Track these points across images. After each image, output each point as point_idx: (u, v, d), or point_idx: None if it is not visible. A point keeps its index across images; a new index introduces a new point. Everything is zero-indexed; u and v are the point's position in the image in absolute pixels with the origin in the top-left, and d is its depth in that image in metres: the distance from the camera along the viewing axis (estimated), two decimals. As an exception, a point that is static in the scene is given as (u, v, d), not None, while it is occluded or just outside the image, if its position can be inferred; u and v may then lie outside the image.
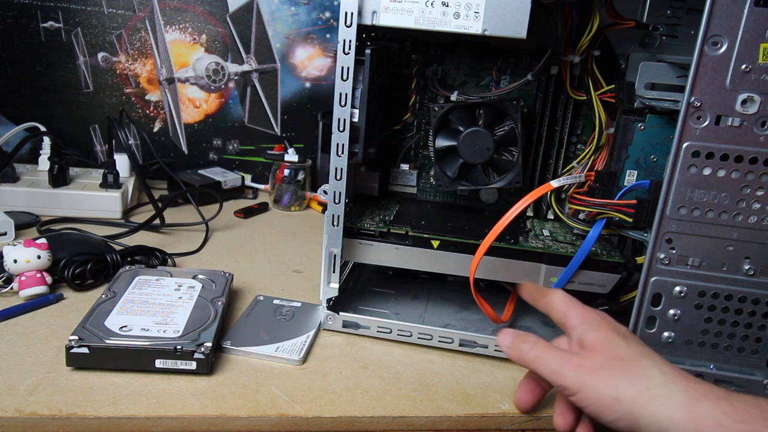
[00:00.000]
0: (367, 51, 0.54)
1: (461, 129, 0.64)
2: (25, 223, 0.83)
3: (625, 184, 0.59)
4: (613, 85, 0.58)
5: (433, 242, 0.60)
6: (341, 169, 0.56)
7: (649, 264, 0.54)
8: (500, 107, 0.64)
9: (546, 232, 0.65)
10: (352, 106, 0.55)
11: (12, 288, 0.63)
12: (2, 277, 0.64)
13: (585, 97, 0.61)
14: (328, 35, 1.10)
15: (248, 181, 1.11)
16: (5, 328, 0.58)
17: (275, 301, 0.67)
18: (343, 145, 0.56)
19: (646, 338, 0.55)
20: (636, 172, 0.58)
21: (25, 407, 0.47)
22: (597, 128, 0.60)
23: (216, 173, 1.07)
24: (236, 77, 1.10)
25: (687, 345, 0.55)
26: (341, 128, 0.55)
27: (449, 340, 0.60)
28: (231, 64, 1.10)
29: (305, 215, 1.02)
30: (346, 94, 0.54)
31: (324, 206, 0.60)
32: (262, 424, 0.49)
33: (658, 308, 0.54)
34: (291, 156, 1.02)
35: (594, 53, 0.58)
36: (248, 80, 1.11)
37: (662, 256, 0.53)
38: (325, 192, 0.58)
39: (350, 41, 0.52)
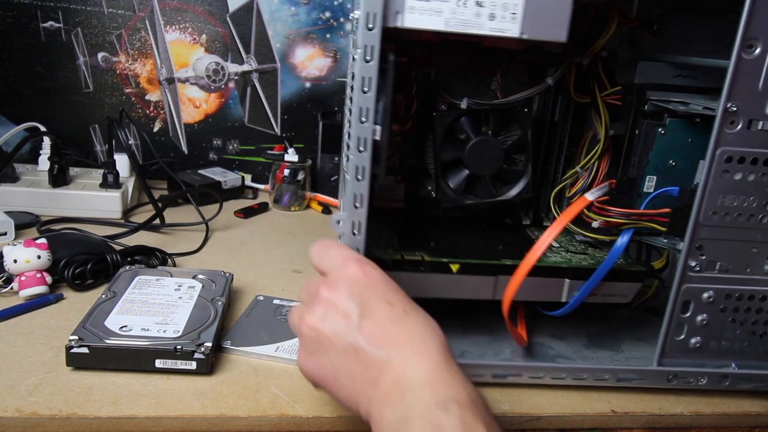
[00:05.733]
0: (391, 57, 0.47)
1: (468, 138, 0.60)
2: (25, 223, 0.83)
3: (644, 190, 0.58)
4: (618, 87, 0.57)
5: (452, 266, 0.55)
6: (362, 195, 0.48)
7: (682, 273, 0.53)
8: (510, 114, 0.60)
9: (555, 243, 0.63)
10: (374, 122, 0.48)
11: (12, 288, 0.63)
12: (2, 277, 0.64)
13: (588, 100, 0.60)
14: (328, 35, 1.10)
15: (248, 181, 1.11)
16: (5, 328, 0.58)
17: (275, 301, 0.67)
18: (363, 168, 0.48)
19: (675, 346, 0.55)
20: (654, 177, 0.58)
21: (25, 407, 0.47)
22: (603, 132, 0.59)
23: (216, 173, 1.07)
24: (236, 77, 1.10)
25: (713, 348, 0.56)
26: (362, 148, 0.47)
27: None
28: (231, 64, 1.10)
29: (305, 215, 1.02)
30: (368, 109, 0.46)
31: (324, 206, 0.59)
32: (262, 424, 0.49)
33: (687, 315, 0.54)
34: (291, 156, 1.01)
35: (602, 54, 0.57)
36: (248, 80, 1.11)
37: (693, 263, 0.53)
38: (339, 222, 0.50)
39: (373, 47, 0.45)
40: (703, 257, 0.53)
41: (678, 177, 0.57)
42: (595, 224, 0.59)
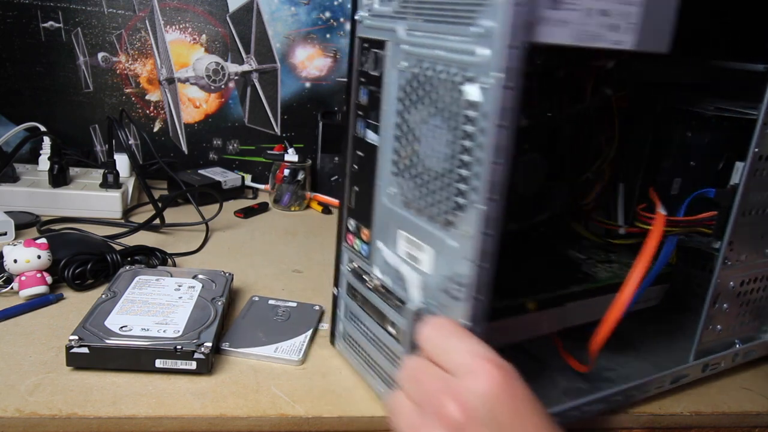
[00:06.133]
0: (532, 81, 0.39)
1: (513, 157, 0.57)
2: (25, 223, 0.83)
3: (671, 193, 0.59)
4: (625, 89, 0.57)
5: (529, 305, 0.51)
6: (489, 251, 0.38)
7: (720, 270, 0.55)
8: (554, 127, 0.56)
9: (582, 256, 0.62)
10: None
11: (12, 288, 0.63)
12: (2, 277, 0.64)
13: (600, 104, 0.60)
14: (328, 35, 1.10)
15: (248, 181, 1.11)
16: (5, 328, 0.58)
17: (270, 302, 0.67)
18: (495, 219, 0.37)
19: (705, 336, 0.57)
20: (679, 180, 0.59)
21: (25, 407, 0.47)
22: (616, 135, 0.58)
23: (216, 173, 1.07)
24: (236, 77, 1.10)
25: (728, 331, 0.58)
26: (494, 196, 0.37)
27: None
28: (231, 64, 1.10)
29: (305, 215, 1.02)
30: (504, 147, 0.36)
31: (324, 206, 0.58)
32: (262, 424, 0.49)
33: (716, 306, 0.56)
34: (291, 156, 1.02)
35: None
36: (248, 80, 1.11)
37: (727, 260, 0.55)
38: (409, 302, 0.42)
39: (515, 70, 0.34)
40: (732, 251, 0.54)
41: (696, 177, 0.58)
42: (621, 231, 0.59)
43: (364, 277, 0.52)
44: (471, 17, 0.36)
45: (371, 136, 0.48)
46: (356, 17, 0.49)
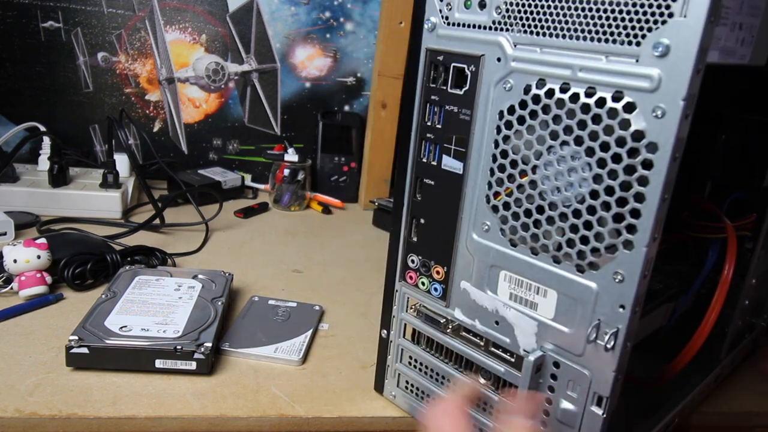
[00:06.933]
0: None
1: None
2: (25, 223, 0.83)
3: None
4: None
5: None
6: (643, 295, 0.34)
7: (754, 270, 0.56)
8: None
9: None
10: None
11: (12, 288, 0.63)
12: (2, 277, 0.64)
13: None
14: (328, 35, 1.10)
15: (248, 181, 1.11)
16: (5, 328, 0.58)
17: (270, 302, 0.67)
18: (653, 260, 0.34)
19: (732, 331, 0.58)
20: (708, 183, 0.60)
21: (25, 407, 0.47)
22: None
23: (216, 173, 1.07)
24: (236, 77, 1.10)
25: (742, 323, 0.60)
26: (657, 234, 0.33)
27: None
28: (231, 64, 1.10)
29: (305, 215, 1.02)
30: (674, 180, 0.32)
31: (324, 206, 0.58)
32: (262, 424, 0.49)
33: (744, 303, 0.58)
34: (291, 156, 1.02)
35: None
36: (248, 80, 1.11)
37: (759, 259, 0.56)
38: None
39: (695, 96, 0.30)
40: (762, 251, 0.55)
41: (728, 180, 0.58)
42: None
43: (438, 320, 0.46)
44: (638, 34, 0.31)
45: (450, 163, 0.42)
46: (425, 25, 0.42)
